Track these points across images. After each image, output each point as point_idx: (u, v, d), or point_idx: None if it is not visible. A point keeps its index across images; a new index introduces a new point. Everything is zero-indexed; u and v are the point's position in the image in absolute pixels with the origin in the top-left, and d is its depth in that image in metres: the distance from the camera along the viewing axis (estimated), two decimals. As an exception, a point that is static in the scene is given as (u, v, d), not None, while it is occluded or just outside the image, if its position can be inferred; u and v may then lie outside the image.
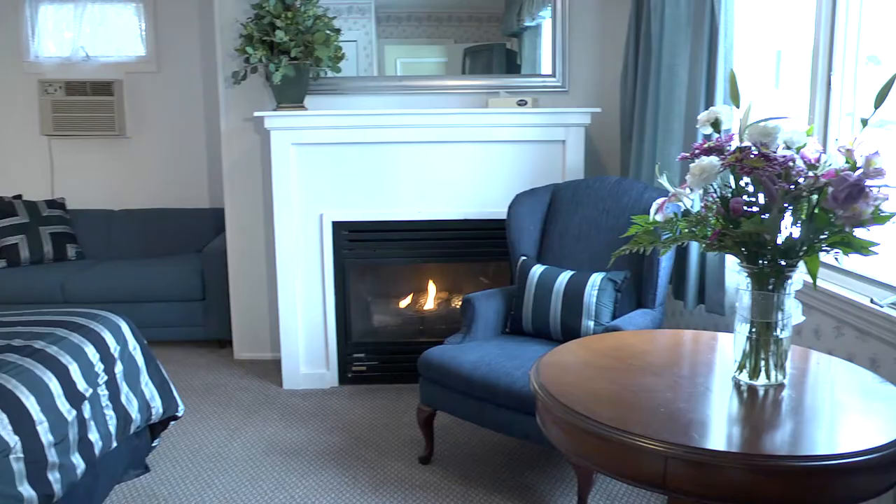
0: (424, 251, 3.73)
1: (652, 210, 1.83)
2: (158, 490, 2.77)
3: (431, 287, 3.97)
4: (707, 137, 1.81)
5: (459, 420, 2.96)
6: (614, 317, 2.86)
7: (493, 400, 2.64)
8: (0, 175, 4.98)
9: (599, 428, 1.56)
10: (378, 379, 3.79)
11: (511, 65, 4.04)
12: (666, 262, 2.90)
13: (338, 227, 3.67)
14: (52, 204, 4.78)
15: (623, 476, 1.59)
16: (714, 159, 1.65)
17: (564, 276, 2.95)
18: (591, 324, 2.85)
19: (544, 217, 3.28)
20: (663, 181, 1.88)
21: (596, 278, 2.89)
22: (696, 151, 1.71)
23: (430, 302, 3.97)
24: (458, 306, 3.89)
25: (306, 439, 3.18)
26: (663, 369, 1.94)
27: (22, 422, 2.11)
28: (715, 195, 1.71)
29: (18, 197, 4.80)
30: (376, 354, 3.80)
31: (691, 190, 1.74)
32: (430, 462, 2.96)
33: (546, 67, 3.91)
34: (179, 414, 2.98)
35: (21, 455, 2.08)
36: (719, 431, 1.63)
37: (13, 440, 2.05)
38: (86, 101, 4.86)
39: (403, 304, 4.01)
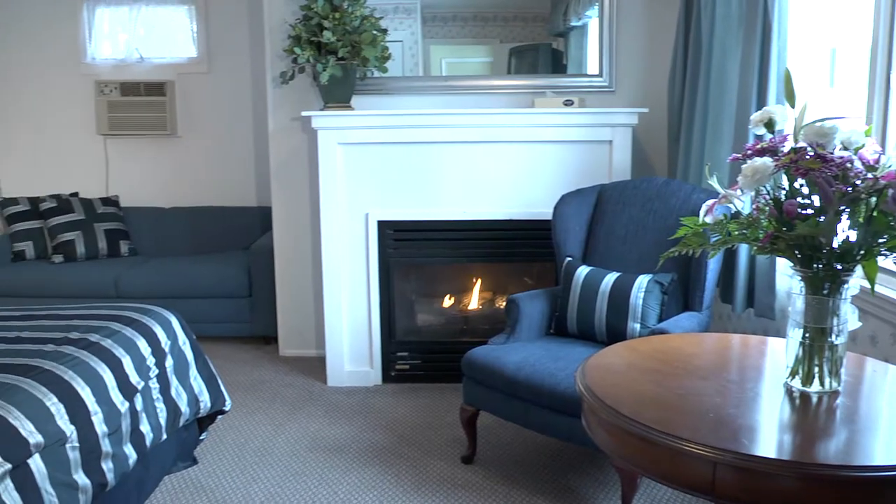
0: (469, 251, 3.73)
1: (701, 212, 1.80)
2: (206, 482, 2.82)
3: (475, 287, 3.97)
4: (759, 138, 1.77)
5: (502, 420, 2.95)
6: (660, 319, 2.83)
7: (537, 401, 2.63)
8: (59, 173, 5.14)
9: (646, 431, 1.54)
10: (421, 378, 3.80)
11: (557, 65, 4.02)
12: (714, 264, 2.85)
13: (383, 226, 3.70)
14: (106, 201, 4.92)
15: (670, 481, 1.57)
16: (767, 160, 1.61)
17: (610, 278, 2.93)
18: (637, 326, 2.81)
19: (590, 218, 3.26)
20: (713, 182, 1.85)
21: (642, 280, 2.85)
22: (749, 152, 1.67)
23: (473, 302, 3.97)
24: (501, 306, 3.89)
25: (350, 436, 3.21)
26: (711, 373, 1.91)
27: (78, 412, 2.17)
28: (767, 197, 1.68)
29: (75, 195, 4.95)
30: (420, 353, 3.82)
31: (742, 191, 1.71)
32: (472, 462, 2.96)
33: (592, 67, 3.87)
34: (227, 408, 3.03)
35: (77, 444, 2.14)
36: (770, 438, 1.60)
37: (69, 430, 2.12)
38: (139, 101, 4.97)
39: (447, 303, 4.02)
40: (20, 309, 2.90)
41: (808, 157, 1.56)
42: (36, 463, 1.98)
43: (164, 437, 2.65)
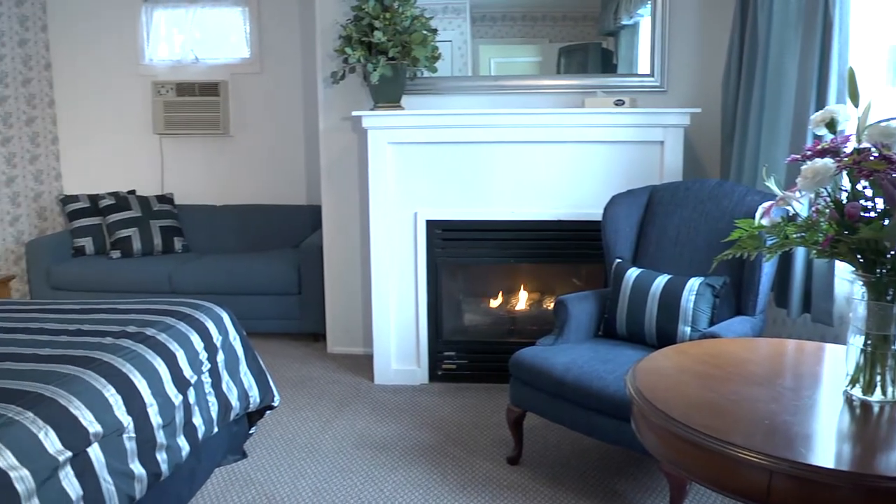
0: (517, 251, 3.72)
1: (757, 214, 1.77)
2: (254, 476, 2.87)
3: (523, 287, 3.96)
4: (819, 138, 1.73)
5: (549, 422, 2.93)
6: (712, 323, 2.77)
7: (585, 403, 2.60)
8: (117, 171, 5.28)
9: (698, 437, 1.51)
10: (468, 378, 3.80)
11: (606, 64, 3.98)
12: (769, 267, 2.79)
13: (431, 225, 3.71)
14: (161, 199, 5.04)
15: (722, 488, 1.54)
16: (829, 161, 1.57)
17: (661, 280, 2.88)
18: (688, 330, 2.77)
19: (641, 219, 3.21)
20: (770, 184, 1.81)
21: (694, 283, 2.80)
22: (809, 153, 1.63)
23: (521, 302, 3.95)
24: (549, 307, 3.87)
25: (396, 434, 3.23)
26: (765, 379, 1.87)
27: (134, 404, 2.23)
28: (828, 199, 1.63)
29: (132, 192, 5.09)
30: (467, 353, 3.82)
31: (801, 193, 1.67)
32: (518, 463, 2.95)
33: (644, 67, 3.82)
34: (275, 404, 3.07)
35: (133, 435, 2.19)
36: (828, 448, 1.56)
37: (127, 420, 2.17)
38: (194, 101, 5.08)
39: (494, 303, 4.01)
40: (81, 302, 2.99)
41: (872, 158, 1.52)
42: (95, 452, 2.03)
43: (216, 430, 2.70)
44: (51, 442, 1.89)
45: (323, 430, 3.27)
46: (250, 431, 3.09)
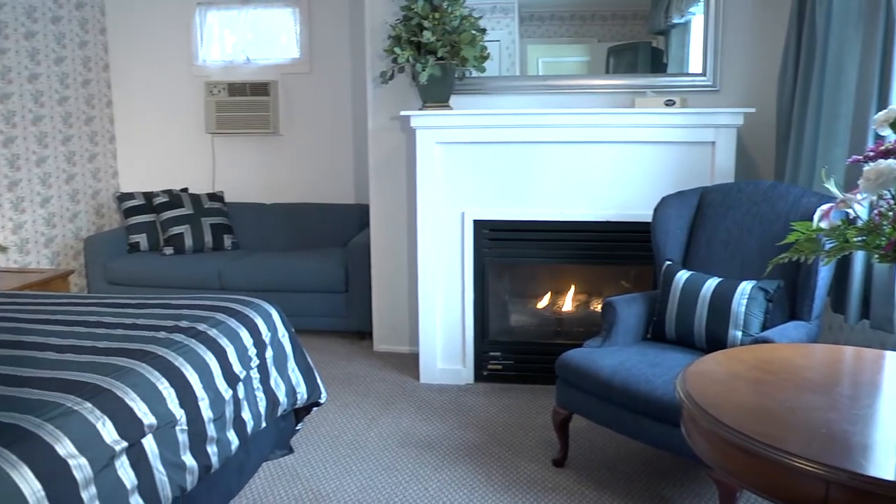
0: (564, 252, 3.69)
1: (815, 216, 1.72)
2: (301, 471, 2.91)
3: (570, 289, 3.93)
4: (882, 139, 1.68)
5: (595, 424, 2.90)
6: (764, 328, 2.71)
7: (632, 406, 2.57)
8: (171, 170, 5.41)
9: (752, 444, 1.48)
10: (513, 378, 3.79)
11: (656, 64, 3.92)
12: (825, 271, 2.71)
13: (479, 225, 3.71)
14: (212, 197, 5.14)
15: (776, 497, 1.50)
16: (892, 163, 1.52)
17: (711, 283, 2.83)
18: (739, 334, 2.71)
19: (691, 221, 3.16)
20: (830, 186, 1.76)
21: (746, 286, 2.74)
22: (871, 154, 1.58)
23: (568, 304, 3.92)
24: (596, 309, 3.84)
25: (441, 433, 3.24)
26: (822, 387, 1.82)
27: (187, 397, 2.28)
28: (891, 201, 1.58)
29: (185, 190, 5.20)
30: (512, 354, 3.81)
31: (863, 195, 1.62)
32: (563, 465, 2.93)
33: (695, 66, 3.75)
34: (322, 401, 3.11)
35: (185, 427, 2.24)
36: (889, 459, 1.50)
37: (179, 413, 2.22)
38: (245, 101, 5.17)
39: (541, 304, 3.99)
40: (135, 297, 3.06)
41: (938, 159, 1.47)
42: (149, 443, 2.08)
43: (264, 425, 2.74)
44: (108, 432, 1.94)
45: (368, 428, 3.30)
46: (297, 427, 3.13)
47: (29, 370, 2.14)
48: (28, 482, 1.67)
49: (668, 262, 3.06)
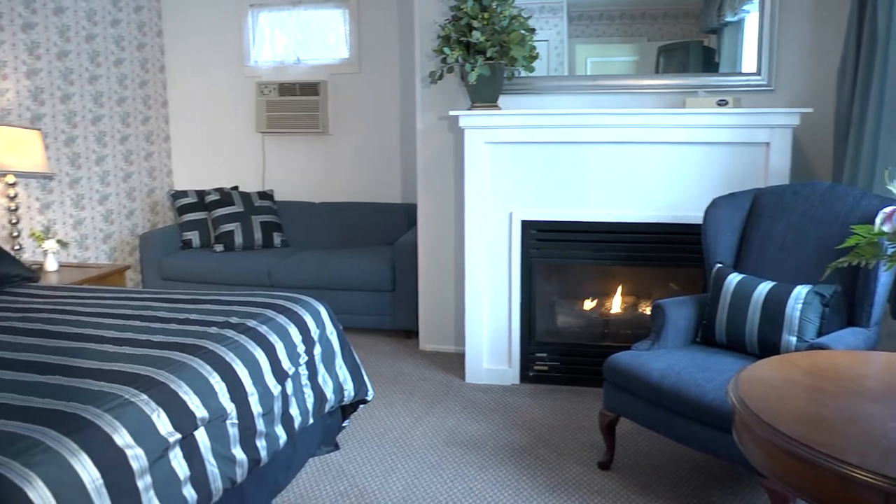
0: (612, 253, 3.65)
1: (878, 220, 1.67)
2: (347, 468, 2.94)
3: (618, 290, 3.89)
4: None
5: (642, 428, 2.87)
6: (820, 334, 2.64)
7: (681, 411, 2.53)
8: (222, 168, 5.53)
9: (808, 452, 1.44)
10: (559, 380, 3.77)
11: (708, 63, 3.85)
12: (886, 277, 2.63)
13: (526, 225, 3.70)
14: (262, 195, 5.22)
15: (832, 507, 1.47)
16: (960, 165, 1.47)
17: (764, 287, 2.77)
18: (794, 340, 2.64)
19: (744, 223, 3.10)
20: (893, 188, 1.71)
21: (801, 291, 2.67)
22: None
23: (615, 306, 3.88)
24: (644, 312, 3.79)
25: (486, 433, 3.24)
26: (883, 396, 1.76)
27: (237, 392, 2.32)
28: (958, 205, 1.53)
29: (236, 188, 5.30)
30: (559, 355, 3.78)
31: (928, 199, 1.57)
32: (609, 468, 2.90)
33: (749, 65, 3.68)
34: (369, 398, 3.13)
35: (235, 421, 2.29)
36: (952, 470, 1.45)
37: (230, 407, 2.27)
38: (295, 101, 5.24)
39: (588, 306, 3.96)
40: (188, 293, 3.13)
41: None
42: (201, 435, 2.13)
43: (311, 421, 2.78)
44: (162, 424, 1.99)
45: (414, 426, 3.32)
46: (343, 424, 3.16)
47: (89, 361, 2.21)
48: (87, 470, 1.72)
49: (719, 265, 3.01)
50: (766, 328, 2.71)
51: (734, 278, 2.88)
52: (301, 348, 2.75)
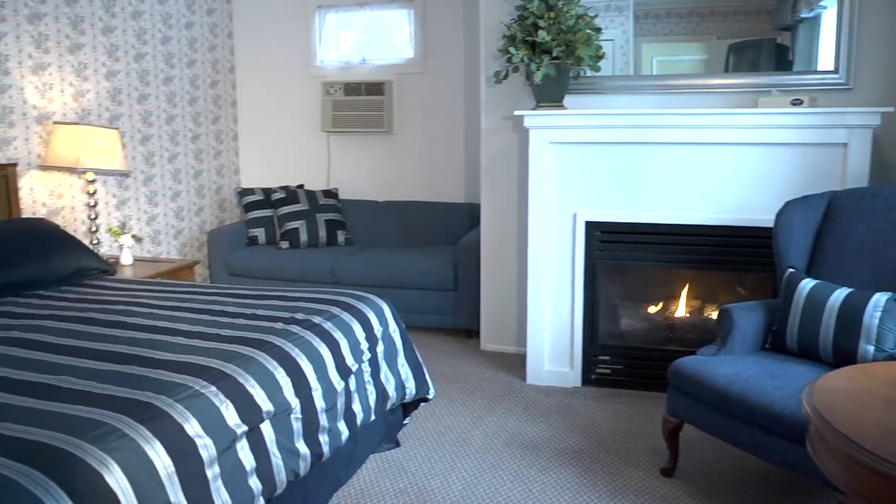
0: (678, 256, 3.58)
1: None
2: (407, 465, 2.96)
3: (683, 294, 3.81)
4: None
5: (707, 435, 2.80)
6: (901, 343, 2.53)
7: (749, 419, 2.46)
8: (288, 167, 5.64)
9: (891, 469, 1.38)
10: (622, 384, 3.72)
11: (781, 61, 3.73)
12: (973, 285, 2.51)
13: (591, 226, 3.65)
14: (327, 194, 5.30)
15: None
16: None
17: (840, 294, 2.67)
18: (872, 349, 2.54)
19: (818, 227, 2.99)
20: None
21: (880, 298, 2.57)
22: None
23: (680, 309, 3.80)
24: (710, 316, 3.71)
25: (547, 435, 3.21)
26: (970, 410, 1.68)
27: (301, 387, 2.36)
28: None
29: (301, 186, 5.40)
30: (622, 359, 3.73)
31: None
32: (672, 476, 2.84)
33: (825, 63, 3.55)
34: (430, 397, 3.15)
35: (300, 416, 2.33)
36: None
37: (294, 402, 2.31)
38: (360, 100, 5.30)
39: (653, 309, 3.89)
40: (255, 288, 3.20)
41: None
42: (266, 428, 2.18)
43: (373, 418, 2.81)
44: (230, 415, 2.04)
45: (474, 426, 3.32)
46: (404, 422, 3.18)
47: (162, 353, 2.28)
48: (160, 457, 1.78)
49: (791, 270, 2.91)
50: (842, 336, 2.61)
51: (807, 284, 2.78)
52: (364, 345, 2.78)
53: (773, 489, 2.75)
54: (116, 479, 1.65)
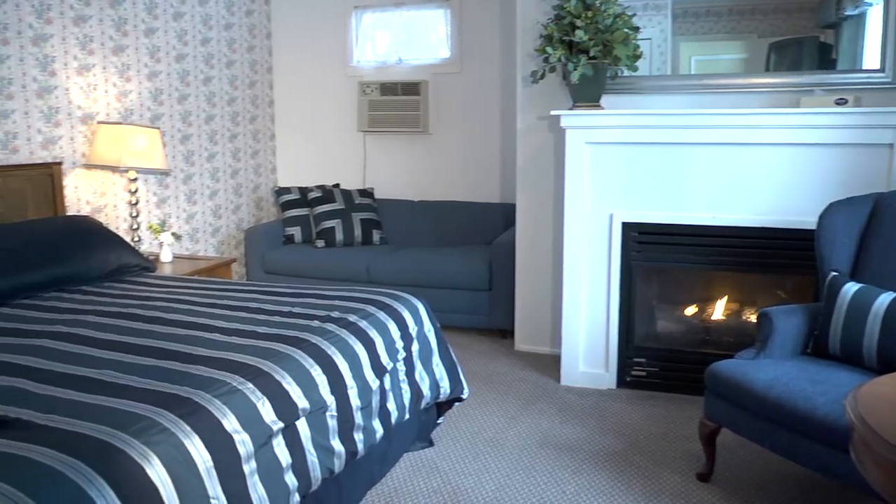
0: (716, 258, 3.53)
1: None
2: (440, 464, 2.96)
3: (721, 297, 3.75)
4: None
5: (745, 440, 2.75)
6: (948, 350, 2.47)
7: (789, 425, 2.42)
8: (324, 166, 5.69)
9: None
10: (657, 386, 3.68)
11: (824, 60, 3.66)
12: None
13: (627, 227, 3.62)
14: (363, 193, 5.34)
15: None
16: None
17: (885, 298, 2.61)
18: (917, 355, 2.48)
19: (862, 230, 2.92)
20: None
21: (926, 303, 2.50)
22: None
23: (718, 312, 3.75)
24: (749, 319, 3.65)
25: (581, 437, 3.19)
26: None
27: (337, 385, 2.38)
28: None
29: (337, 185, 5.44)
30: (657, 361, 3.69)
31: None
32: (709, 480, 2.80)
33: (871, 61, 3.47)
34: (464, 396, 3.15)
35: (335, 413, 2.35)
36: None
37: (330, 399, 2.33)
38: (396, 100, 5.33)
39: (689, 311, 3.84)
40: (292, 287, 3.24)
41: None
42: (302, 426, 2.20)
43: (407, 416, 2.82)
44: (267, 412, 2.06)
45: (508, 427, 3.31)
46: (438, 421, 3.19)
47: (200, 349, 2.32)
48: (199, 451, 1.81)
49: (834, 273, 2.85)
50: (888, 342, 2.55)
51: (851, 287, 2.72)
52: (399, 344, 2.80)
53: (813, 497, 2.70)
54: (157, 472, 1.68)
